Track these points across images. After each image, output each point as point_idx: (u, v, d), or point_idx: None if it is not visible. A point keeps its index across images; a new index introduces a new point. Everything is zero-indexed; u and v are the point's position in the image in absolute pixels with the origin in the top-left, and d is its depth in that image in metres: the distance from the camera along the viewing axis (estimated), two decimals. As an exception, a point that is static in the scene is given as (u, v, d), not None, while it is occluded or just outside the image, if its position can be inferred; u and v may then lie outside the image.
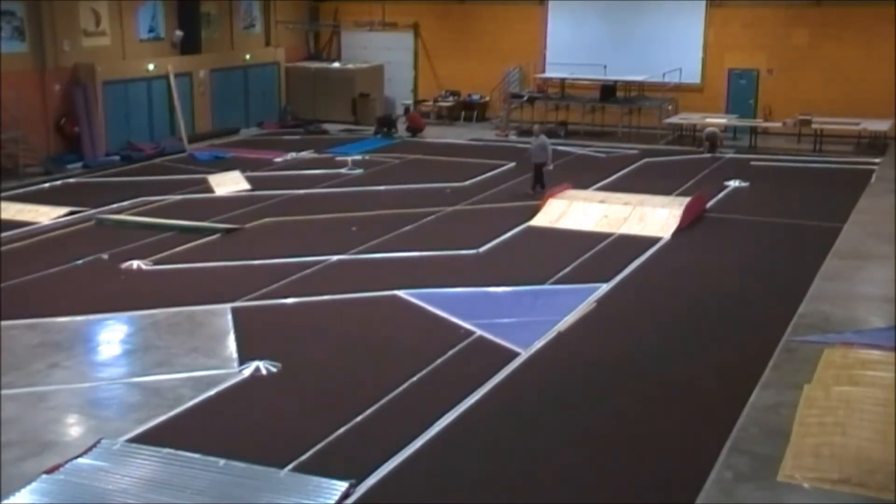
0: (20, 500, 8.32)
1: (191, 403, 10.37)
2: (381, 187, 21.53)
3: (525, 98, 30.40)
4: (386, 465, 8.98)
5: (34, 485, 8.55)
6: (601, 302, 13.80)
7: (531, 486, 8.76)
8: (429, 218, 18.71)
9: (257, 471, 8.80)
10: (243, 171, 22.75)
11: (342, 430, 9.70)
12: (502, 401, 10.54)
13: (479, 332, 12.47)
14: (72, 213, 18.79)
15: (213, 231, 17.58)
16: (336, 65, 32.84)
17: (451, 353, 11.79)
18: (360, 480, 8.65)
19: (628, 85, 29.83)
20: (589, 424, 10.00)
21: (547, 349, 12.01)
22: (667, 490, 8.71)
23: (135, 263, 15.46)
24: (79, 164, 23.75)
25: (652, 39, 29.78)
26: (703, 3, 29.51)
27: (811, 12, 28.36)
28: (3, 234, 17.07)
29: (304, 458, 9.11)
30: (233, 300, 13.66)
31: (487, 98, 31.80)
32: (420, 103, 32.50)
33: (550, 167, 20.81)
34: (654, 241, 16.93)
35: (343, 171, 23.42)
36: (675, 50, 29.35)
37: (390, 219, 18.45)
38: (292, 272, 15.04)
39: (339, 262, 15.78)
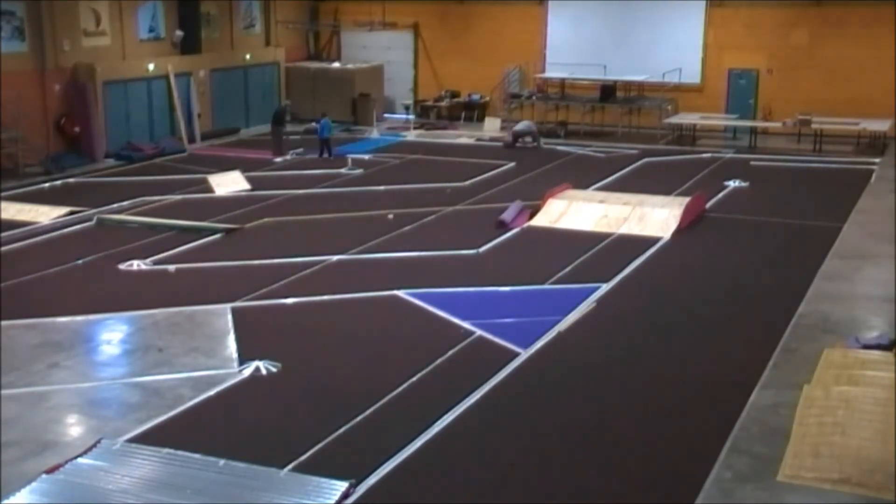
0: (20, 500, 8.33)
1: (191, 403, 10.37)
2: (381, 187, 21.53)
3: (525, 98, 30.38)
4: (386, 465, 8.98)
5: (34, 485, 8.54)
6: (601, 302, 13.80)
7: (531, 486, 8.76)
8: (429, 218, 18.71)
9: (257, 471, 8.80)
10: (243, 171, 22.76)
11: (342, 430, 9.70)
12: (502, 401, 10.55)
13: (479, 332, 12.47)
14: (72, 213, 18.79)
15: (213, 231, 17.57)
16: (336, 65, 32.83)
17: (451, 353, 11.79)
18: (360, 480, 8.65)
19: (628, 85, 29.81)
20: (589, 424, 10.00)
21: (547, 349, 12.01)
22: (667, 490, 8.70)
23: (135, 263, 15.48)
24: (79, 164, 23.72)
25: (652, 39, 29.75)
26: (703, 3, 29.46)
27: (811, 12, 28.35)
28: (3, 234, 17.07)
29: (304, 458, 9.11)
30: (233, 300, 13.67)
31: (487, 98, 31.79)
32: (420, 103, 32.51)
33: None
34: (654, 241, 16.93)
35: (343, 171, 23.42)
36: (674, 50, 29.31)
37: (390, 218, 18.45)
38: (292, 272, 15.04)
39: (339, 262, 15.78)
